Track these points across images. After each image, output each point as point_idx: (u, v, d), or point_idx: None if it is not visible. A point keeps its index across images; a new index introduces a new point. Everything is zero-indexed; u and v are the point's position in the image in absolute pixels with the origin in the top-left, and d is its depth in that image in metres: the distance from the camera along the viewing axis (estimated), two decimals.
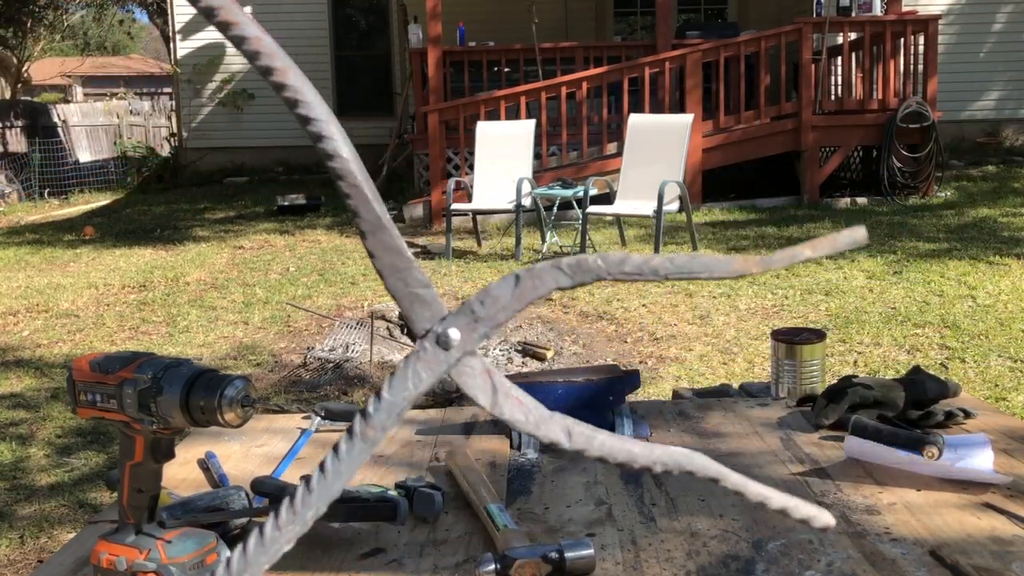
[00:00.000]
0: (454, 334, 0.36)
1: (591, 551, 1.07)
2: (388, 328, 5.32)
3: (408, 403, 0.35)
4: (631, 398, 1.66)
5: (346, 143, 0.35)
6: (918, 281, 5.86)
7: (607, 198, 7.47)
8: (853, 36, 9.57)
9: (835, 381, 1.64)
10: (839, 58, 9.81)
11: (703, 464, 0.37)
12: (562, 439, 0.37)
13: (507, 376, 1.55)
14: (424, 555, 1.15)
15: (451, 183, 7.78)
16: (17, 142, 15.94)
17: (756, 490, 0.38)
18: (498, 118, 8.84)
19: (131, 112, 19.78)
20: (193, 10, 13.30)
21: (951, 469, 1.32)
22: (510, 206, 7.50)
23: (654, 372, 4.47)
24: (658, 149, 7.16)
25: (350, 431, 0.35)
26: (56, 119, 17.03)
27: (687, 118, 7.40)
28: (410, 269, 0.36)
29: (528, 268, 0.35)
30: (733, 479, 0.38)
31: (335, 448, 0.34)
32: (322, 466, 0.35)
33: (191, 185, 13.00)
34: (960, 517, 1.20)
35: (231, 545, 1.05)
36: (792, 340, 1.76)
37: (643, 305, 5.65)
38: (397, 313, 5.49)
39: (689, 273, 0.39)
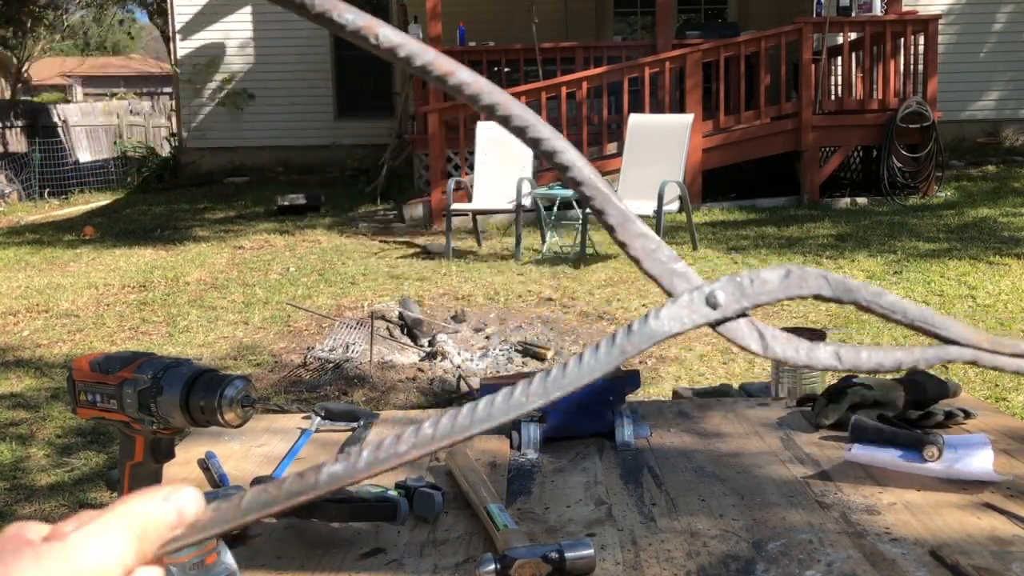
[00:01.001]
0: (721, 296, 0.40)
1: (591, 551, 1.07)
2: (388, 328, 5.32)
3: (666, 336, 0.39)
4: (631, 398, 1.66)
5: (576, 153, 0.40)
6: (918, 281, 5.86)
7: None
8: (853, 36, 9.57)
9: (835, 381, 1.64)
10: (839, 58, 9.81)
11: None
12: (835, 362, 0.40)
13: (506, 375, 1.55)
14: (424, 555, 1.15)
15: (451, 183, 7.78)
16: (17, 142, 15.94)
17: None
18: None
19: (131, 112, 19.78)
20: (193, 10, 13.31)
21: (951, 470, 1.32)
22: (510, 206, 7.50)
23: (654, 372, 4.47)
24: (658, 149, 7.16)
25: (612, 337, 0.39)
26: (56, 119, 17.04)
27: (687, 118, 7.40)
28: (660, 248, 0.41)
29: (799, 265, 0.39)
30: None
31: (596, 346, 0.39)
32: (581, 356, 0.38)
33: (191, 185, 13.00)
34: (960, 517, 1.20)
35: (231, 545, 1.05)
36: None
37: (643, 305, 5.65)
38: (397, 313, 5.49)
39: (934, 329, 0.41)
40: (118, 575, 0.35)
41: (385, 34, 0.38)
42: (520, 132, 0.39)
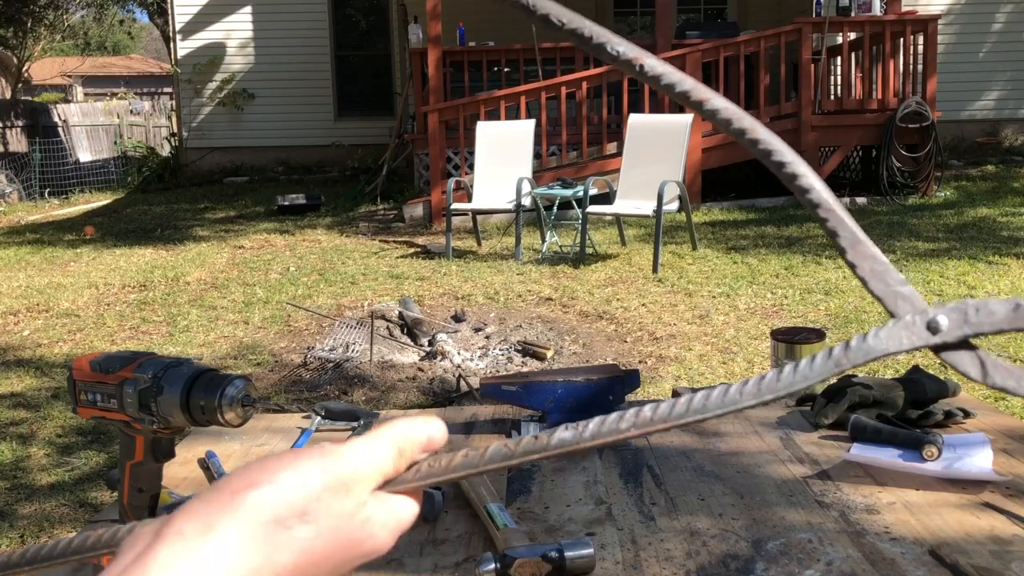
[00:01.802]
0: (943, 321, 0.41)
1: (591, 550, 1.07)
2: (388, 328, 5.32)
3: (883, 355, 0.42)
4: (631, 398, 1.66)
5: (815, 177, 0.43)
6: (917, 281, 5.86)
7: (607, 198, 7.47)
8: (852, 36, 9.57)
9: (835, 381, 1.64)
10: (839, 58, 9.81)
11: None
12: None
13: (506, 375, 1.54)
14: (424, 554, 1.15)
15: (451, 183, 7.78)
16: (17, 142, 15.95)
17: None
18: (498, 118, 8.84)
19: (131, 112, 19.79)
20: (193, 10, 13.31)
21: (950, 469, 1.32)
22: (510, 206, 7.50)
23: (654, 372, 4.47)
24: (658, 149, 7.16)
25: (830, 352, 0.42)
26: (56, 119, 17.04)
27: (687, 118, 7.40)
28: (887, 271, 0.42)
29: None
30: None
31: (813, 357, 0.42)
32: (797, 365, 0.42)
33: (191, 185, 13.00)
34: (960, 517, 1.20)
35: None
36: (792, 340, 1.76)
37: (643, 305, 5.65)
38: (397, 313, 5.49)
39: None
40: (378, 476, 0.44)
41: (651, 64, 0.43)
42: (765, 155, 0.43)
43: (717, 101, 0.42)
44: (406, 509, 0.45)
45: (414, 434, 0.45)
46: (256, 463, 0.43)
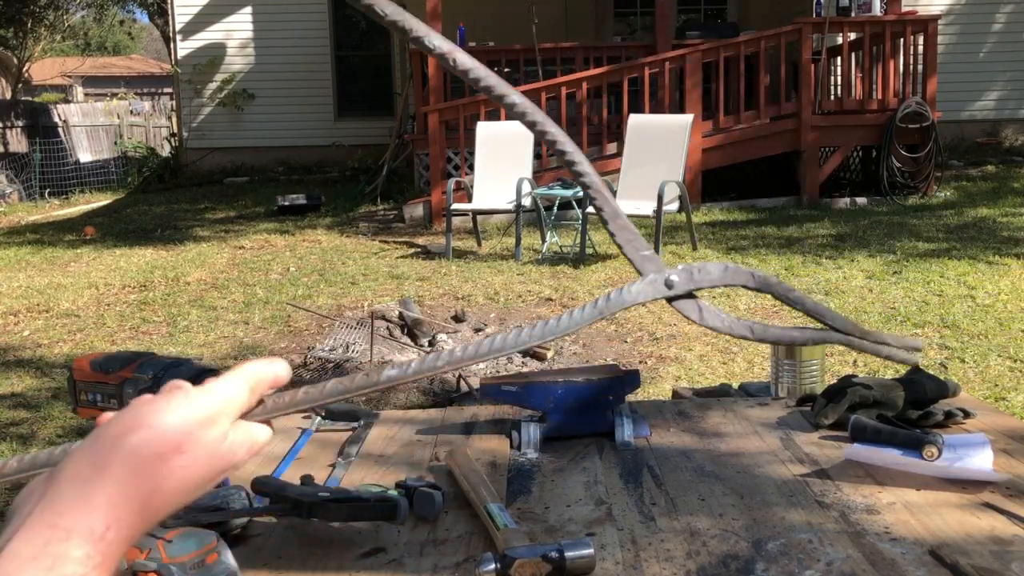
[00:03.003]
0: (676, 279, 0.52)
1: (591, 551, 1.07)
2: (388, 328, 5.32)
3: (633, 304, 0.53)
4: (631, 398, 1.66)
5: (589, 164, 0.52)
6: (917, 281, 5.86)
7: None
8: (853, 36, 9.57)
9: (835, 381, 1.64)
10: (839, 58, 9.81)
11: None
12: (747, 333, 0.54)
13: (506, 376, 1.55)
14: (424, 555, 1.15)
15: (451, 183, 7.78)
16: (18, 142, 15.95)
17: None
18: (498, 118, 8.84)
19: (131, 112, 19.80)
20: (193, 10, 13.32)
21: (950, 469, 1.32)
22: (510, 206, 7.50)
23: (654, 372, 4.47)
24: (658, 149, 7.16)
25: (595, 302, 0.52)
26: (57, 119, 17.05)
27: (687, 118, 7.40)
28: (637, 239, 0.53)
29: (735, 264, 0.52)
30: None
31: (582, 306, 0.52)
32: (571, 312, 0.52)
33: (191, 185, 13.00)
34: (960, 517, 1.20)
35: (232, 545, 1.05)
36: None
37: (642, 304, 5.65)
38: (397, 313, 5.50)
39: (822, 318, 0.56)
40: (236, 409, 0.52)
41: (462, 59, 0.49)
42: (551, 144, 0.52)
43: (515, 96, 0.50)
44: (260, 432, 0.54)
45: (262, 373, 0.53)
46: (127, 410, 0.51)
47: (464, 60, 0.48)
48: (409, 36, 0.48)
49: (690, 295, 0.52)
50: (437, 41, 0.48)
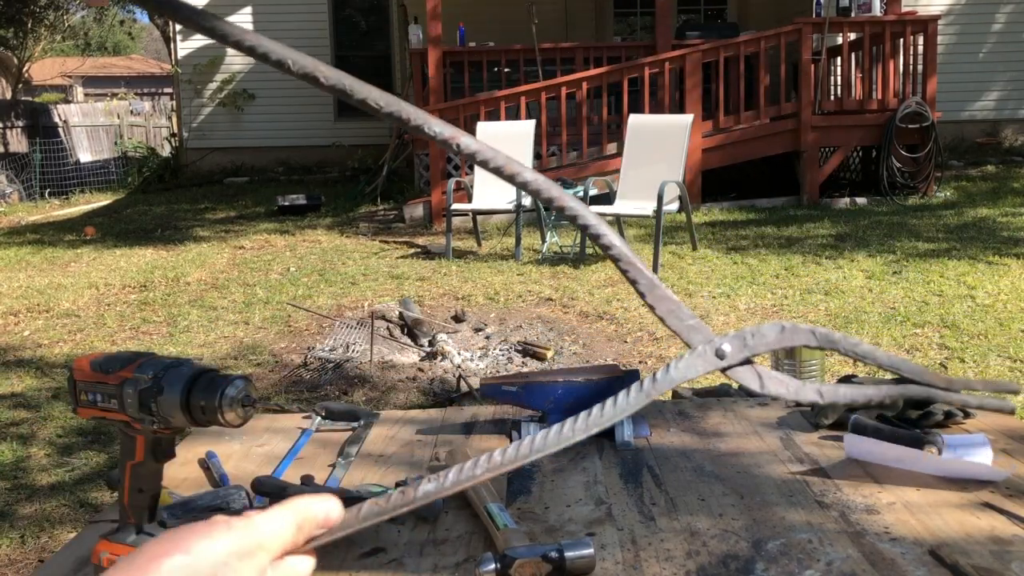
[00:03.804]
0: (727, 348, 0.49)
1: (591, 551, 1.07)
2: (388, 328, 5.32)
3: (679, 383, 0.49)
4: None
5: (616, 236, 0.49)
6: (917, 281, 5.86)
7: (607, 198, 7.47)
8: (853, 36, 9.57)
9: (835, 381, 1.64)
10: (839, 58, 9.81)
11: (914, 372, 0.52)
12: (817, 398, 0.50)
13: (506, 376, 1.55)
14: (424, 555, 1.15)
15: (451, 183, 7.78)
16: (18, 142, 15.95)
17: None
18: (498, 118, 8.84)
19: (132, 112, 19.79)
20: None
21: (951, 462, 1.32)
22: (510, 206, 7.50)
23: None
24: (658, 149, 7.16)
25: (641, 383, 0.49)
26: (57, 119, 17.04)
27: (687, 118, 7.40)
28: (680, 309, 0.49)
29: (792, 323, 0.48)
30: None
31: (627, 391, 0.48)
32: (616, 398, 0.48)
33: (191, 185, 13.00)
34: (960, 517, 1.20)
35: None
36: None
37: (643, 305, 5.65)
38: (397, 313, 5.49)
39: (900, 372, 0.52)
40: (278, 546, 0.50)
41: (466, 143, 0.49)
42: (572, 220, 0.49)
43: (527, 174, 0.50)
44: (303, 566, 0.52)
45: (313, 512, 0.51)
46: (171, 532, 0.49)
47: (468, 143, 0.48)
48: (408, 125, 0.47)
49: (747, 362, 0.49)
50: (438, 128, 0.47)
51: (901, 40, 9.47)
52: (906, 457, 1.35)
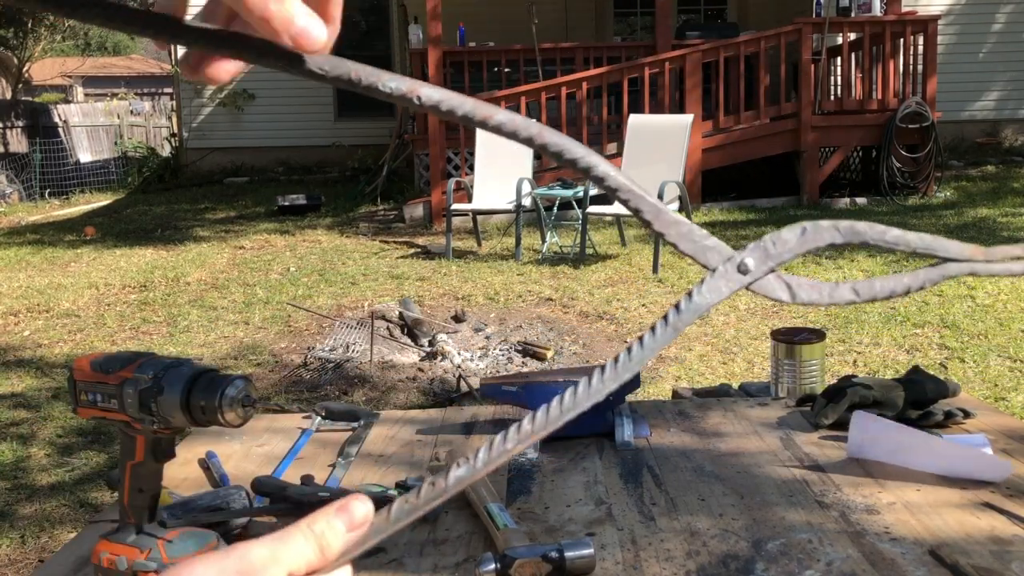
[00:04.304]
0: (750, 262, 0.45)
1: (591, 551, 1.07)
2: (388, 328, 5.32)
3: (710, 306, 0.45)
4: (631, 398, 1.66)
5: (608, 164, 0.46)
6: None
7: (607, 198, 7.46)
8: (853, 36, 9.57)
9: (835, 381, 1.64)
10: (839, 58, 9.81)
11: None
12: (853, 296, 0.46)
13: (506, 376, 1.55)
14: (424, 555, 1.15)
15: (451, 183, 7.78)
16: (18, 142, 15.94)
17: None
18: None
19: (132, 112, 19.79)
20: (194, 10, 13.25)
21: (955, 447, 1.32)
22: (510, 206, 7.50)
23: (654, 372, 4.47)
24: (658, 149, 7.16)
25: (665, 318, 0.45)
26: (57, 119, 17.04)
27: (687, 118, 7.40)
28: (692, 230, 0.46)
29: (813, 222, 0.45)
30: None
31: (652, 328, 0.44)
32: (641, 339, 0.44)
33: (191, 185, 13.00)
34: (960, 517, 1.20)
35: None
36: (792, 340, 1.76)
37: (643, 305, 5.65)
38: (397, 313, 5.49)
39: (934, 252, 0.48)
40: (304, 569, 0.44)
41: (427, 94, 0.44)
42: (558, 156, 0.45)
43: (500, 115, 0.45)
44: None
45: (335, 528, 0.46)
46: (180, 566, 0.45)
47: (430, 94, 0.44)
48: (360, 86, 0.44)
49: (771, 272, 0.46)
50: (393, 84, 0.44)
51: (901, 40, 9.47)
52: (912, 442, 1.34)
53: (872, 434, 1.38)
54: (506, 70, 10.36)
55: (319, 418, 1.66)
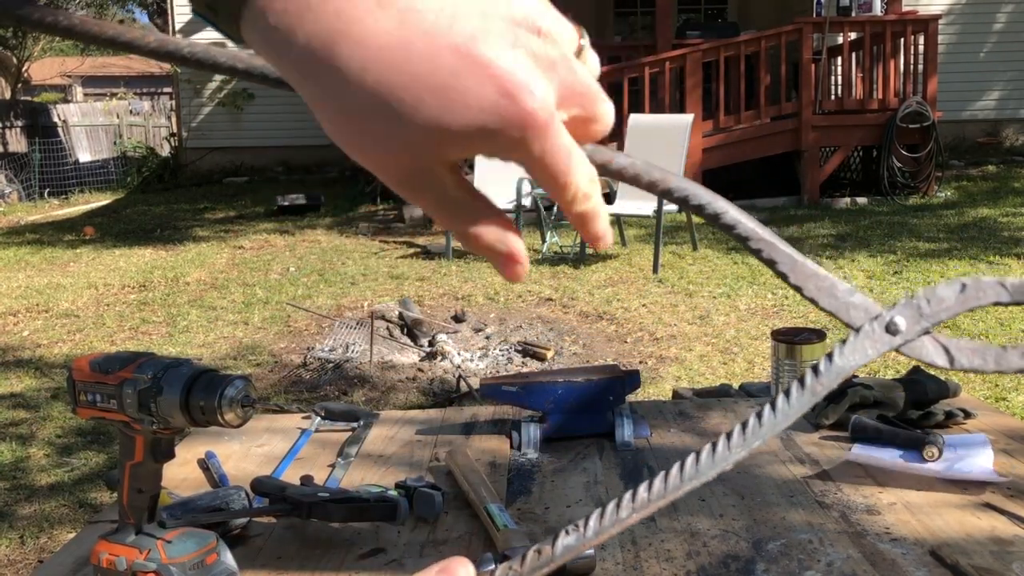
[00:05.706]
0: (901, 322, 0.41)
1: (591, 551, 1.07)
2: (388, 328, 5.32)
3: (851, 371, 0.41)
4: (631, 398, 1.66)
5: (739, 211, 0.43)
6: (918, 281, 5.86)
7: (607, 198, 7.45)
8: (853, 36, 9.57)
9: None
10: (839, 58, 9.81)
11: None
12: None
13: (506, 376, 1.55)
14: (424, 555, 1.15)
15: None
16: (17, 142, 15.94)
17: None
18: None
19: (131, 112, 19.79)
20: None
21: (950, 472, 1.32)
22: (510, 206, 7.50)
23: (654, 372, 4.47)
24: (658, 149, 7.16)
25: (801, 381, 0.40)
26: (56, 119, 17.04)
27: (687, 118, 7.40)
28: (834, 285, 0.42)
29: (974, 277, 0.40)
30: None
31: (786, 392, 0.40)
32: (774, 404, 0.40)
33: (191, 185, 13.00)
34: (960, 517, 1.20)
35: (231, 545, 1.05)
36: (792, 340, 1.76)
37: (643, 305, 5.65)
38: (397, 313, 5.49)
39: None
40: None
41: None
42: (683, 202, 0.43)
43: (620, 159, 0.43)
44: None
45: None
46: None
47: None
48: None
49: (926, 335, 0.41)
50: None
51: (902, 40, 9.47)
52: (908, 468, 1.35)
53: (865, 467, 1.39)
54: None
55: (319, 418, 1.66)
